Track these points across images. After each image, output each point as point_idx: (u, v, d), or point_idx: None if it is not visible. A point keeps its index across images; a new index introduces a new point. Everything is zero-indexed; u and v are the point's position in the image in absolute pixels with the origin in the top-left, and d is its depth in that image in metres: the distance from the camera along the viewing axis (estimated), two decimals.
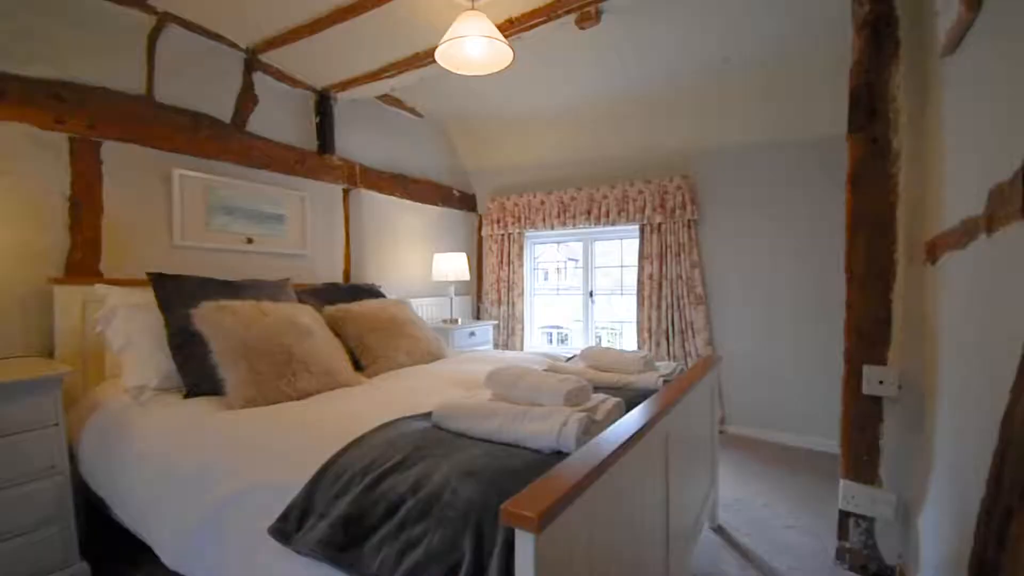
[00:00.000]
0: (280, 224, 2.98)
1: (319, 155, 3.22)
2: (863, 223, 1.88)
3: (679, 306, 3.61)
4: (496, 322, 4.30)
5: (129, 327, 1.93)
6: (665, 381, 1.87)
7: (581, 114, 3.71)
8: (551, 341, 5.22)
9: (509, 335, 4.36)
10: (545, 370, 1.90)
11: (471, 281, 4.55)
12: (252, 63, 2.81)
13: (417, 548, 0.94)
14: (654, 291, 3.68)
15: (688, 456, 1.73)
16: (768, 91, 3.14)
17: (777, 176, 3.35)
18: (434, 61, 2.22)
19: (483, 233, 4.53)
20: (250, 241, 2.83)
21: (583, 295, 4.32)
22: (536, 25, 2.35)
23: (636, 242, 3.83)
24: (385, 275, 3.69)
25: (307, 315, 2.20)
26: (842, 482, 1.92)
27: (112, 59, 2.27)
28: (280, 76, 2.96)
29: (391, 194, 3.76)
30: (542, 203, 4.16)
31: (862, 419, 1.88)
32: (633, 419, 1.26)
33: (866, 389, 1.84)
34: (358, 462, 1.16)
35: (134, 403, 1.79)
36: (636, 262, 3.81)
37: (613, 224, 3.85)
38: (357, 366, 2.31)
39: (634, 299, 3.87)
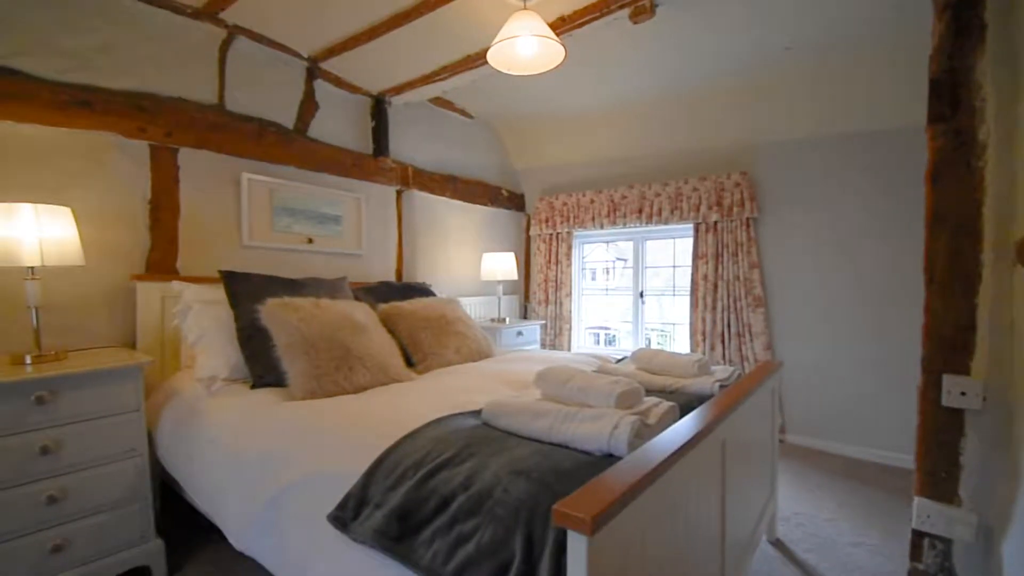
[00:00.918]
0: (337, 225, 3.10)
1: (374, 158, 3.33)
2: (945, 221, 1.72)
3: (736, 308, 3.47)
4: (543, 322, 4.29)
5: (202, 321, 2.07)
6: (722, 386, 1.80)
7: (633, 110, 3.64)
8: (598, 342, 5.16)
9: (556, 335, 4.34)
10: (594, 371, 1.88)
11: (519, 280, 4.56)
12: (313, 71, 2.94)
13: (468, 544, 0.95)
14: (709, 292, 3.56)
15: (746, 465, 1.66)
16: (834, 80, 2.97)
17: (845, 171, 3.16)
18: (486, 62, 2.25)
19: (531, 232, 4.53)
20: (310, 241, 2.96)
21: (633, 296, 4.23)
22: (589, 21, 2.32)
23: (690, 241, 3.71)
24: (435, 274, 3.77)
25: (362, 312, 2.28)
26: (916, 499, 1.78)
27: (188, 71, 2.44)
28: (339, 83, 3.08)
29: (441, 194, 3.83)
30: (591, 202, 4.11)
31: (941, 433, 1.73)
32: (688, 424, 1.22)
33: (946, 401, 1.70)
34: (411, 456, 1.19)
35: (206, 392, 1.91)
36: (690, 262, 3.69)
37: (666, 223, 3.75)
38: (408, 362, 2.37)
39: (687, 300, 3.76)
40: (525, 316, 4.65)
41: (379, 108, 3.32)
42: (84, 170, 2.13)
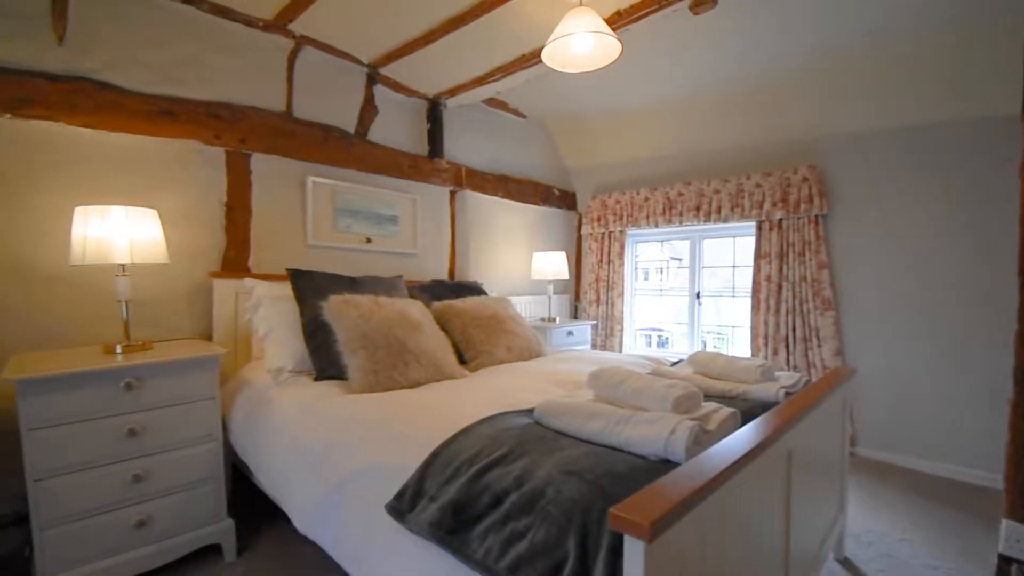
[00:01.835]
0: (394, 225, 3.20)
1: (429, 159, 3.40)
2: None
3: (802, 311, 3.28)
4: (594, 322, 4.24)
5: (271, 316, 2.19)
6: (787, 393, 1.71)
7: (691, 105, 3.52)
8: (650, 344, 5.03)
9: (607, 336, 4.27)
10: (649, 374, 1.83)
11: (569, 280, 4.53)
12: (373, 77, 3.05)
13: (521, 541, 0.95)
14: (772, 294, 3.38)
15: (813, 477, 1.57)
16: (915, 67, 2.74)
17: (924, 164, 2.91)
18: (540, 61, 2.24)
19: (583, 232, 4.49)
20: (369, 241, 3.07)
21: (688, 296, 4.09)
22: (647, 15, 2.26)
23: (751, 240, 3.55)
24: (486, 273, 3.81)
25: (418, 310, 2.33)
26: (1005, 522, 1.62)
27: (260, 81, 2.60)
28: (397, 87, 3.17)
29: (494, 194, 3.87)
30: (646, 200, 4.01)
31: None
32: (751, 432, 1.17)
33: None
34: (465, 452, 1.21)
35: (274, 383, 2.03)
36: (751, 262, 3.53)
37: (725, 221, 3.60)
38: (461, 359, 2.40)
39: (747, 302, 3.59)
40: (575, 316, 4.61)
41: (434, 111, 3.40)
42: (168, 175, 2.31)
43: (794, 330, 3.31)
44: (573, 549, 0.88)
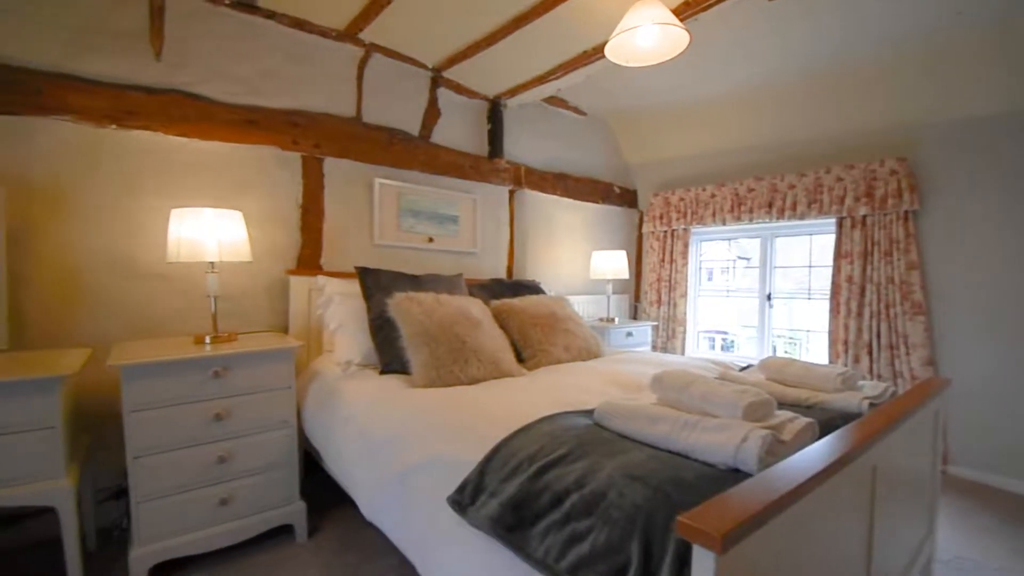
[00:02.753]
0: (455, 224, 3.26)
1: (489, 159, 3.44)
2: None
3: (888, 315, 3.03)
4: (655, 323, 4.12)
5: (341, 312, 2.30)
6: (872, 404, 1.58)
7: (763, 95, 3.33)
8: (713, 347, 4.83)
9: (668, 338, 4.14)
10: (716, 379, 1.75)
11: (629, 280, 4.42)
12: (436, 80, 3.13)
13: (582, 542, 0.94)
14: (854, 296, 3.14)
15: (899, 497, 1.44)
16: (1018, 48, 2.44)
17: None
18: (603, 57, 2.20)
19: (644, 230, 4.37)
20: (431, 240, 3.15)
21: (758, 298, 3.88)
22: (717, 3, 2.16)
23: (830, 238, 3.31)
24: (544, 272, 3.80)
25: (477, 308, 2.37)
26: None
27: (332, 88, 2.73)
28: (459, 89, 3.24)
29: (552, 193, 3.85)
30: (712, 196, 3.85)
31: None
32: (831, 445, 1.09)
33: None
34: (524, 450, 1.21)
35: (342, 375, 2.13)
36: (830, 261, 3.29)
37: (801, 218, 3.37)
38: (518, 358, 2.42)
39: (825, 305, 3.36)
40: (635, 317, 4.51)
41: (495, 111, 3.43)
42: (250, 179, 2.48)
43: (878, 336, 3.06)
44: (636, 554, 0.86)
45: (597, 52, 2.62)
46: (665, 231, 4.19)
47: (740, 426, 1.11)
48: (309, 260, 2.66)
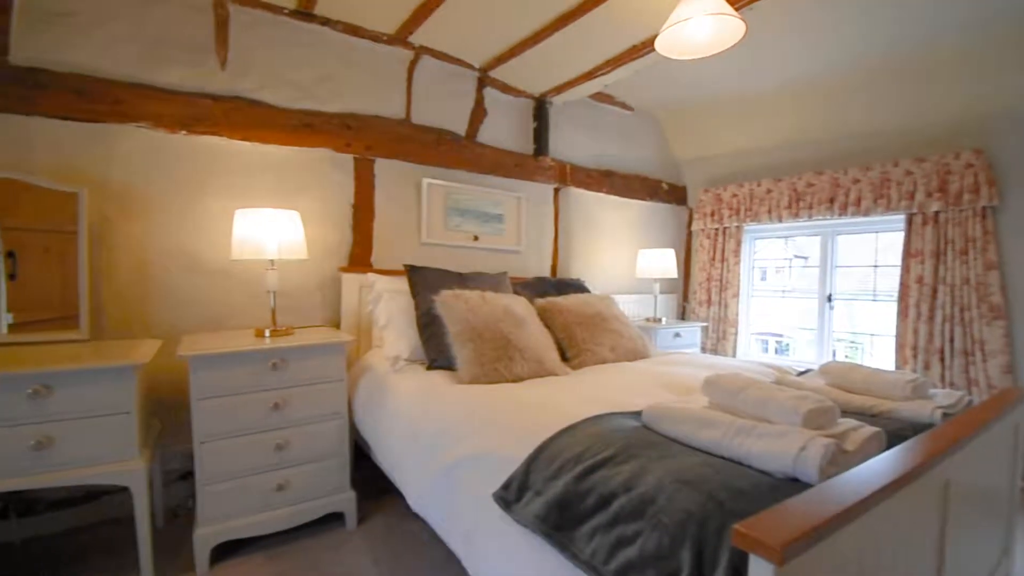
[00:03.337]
0: (500, 223, 3.28)
1: (534, 158, 3.44)
2: None
3: (963, 319, 2.80)
4: (705, 324, 3.99)
5: (390, 308, 2.37)
6: (945, 414, 1.47)
7: (824, 86, 3.16)
8: (767, 350, 4.64)
9: (719, 339, 4.00)
10: (772, 383, 1.68)
11: (678, 279, 4.30)
12: (483, 80, 3.15)
13: (630, 546, 0.93)
14: (924, 298, 2.93)
15: (974, 514, 1.34)
16: None
17: None
18: (653, 50, 2.15)
19: (693, 228, 4.24)
20: (476, 239, 3.18)
21: (817, 299, 3.69)
22: None
23: (899, 236, 3.10)
24: (589, 270, 3.76)
25: (522, 306, 2.37)
26: None
27: (383, 91, 2.81)
28: (505, 88, 3.25)
29: (598, 190, 3.80)
30: (768, 192, 3.68)
31: None
32: (899, 456, 1.02)
33: None
34: (570, 449, 1.21)
35: (391, 369, 2.19)
36: (898, 261, 3.09)
37: (866, 214, 3.17)
38: (563, 357, 2.40)
39: (892, 307, 3.15)
40: (683, 317, 4.38)
41: (541, 109, 3.42)
42: (306, 180, 2.59)
43: (951, 341, 2.84)
44: (688, 562, 0.84)
45: (647, 46, 2.56)
46: (716, 228, 4.05)
47: (799, 434, 1.06)
48: (360, 258, 2.75)
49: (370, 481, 2.40)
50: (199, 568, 1.82)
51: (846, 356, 3.89)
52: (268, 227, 2.10)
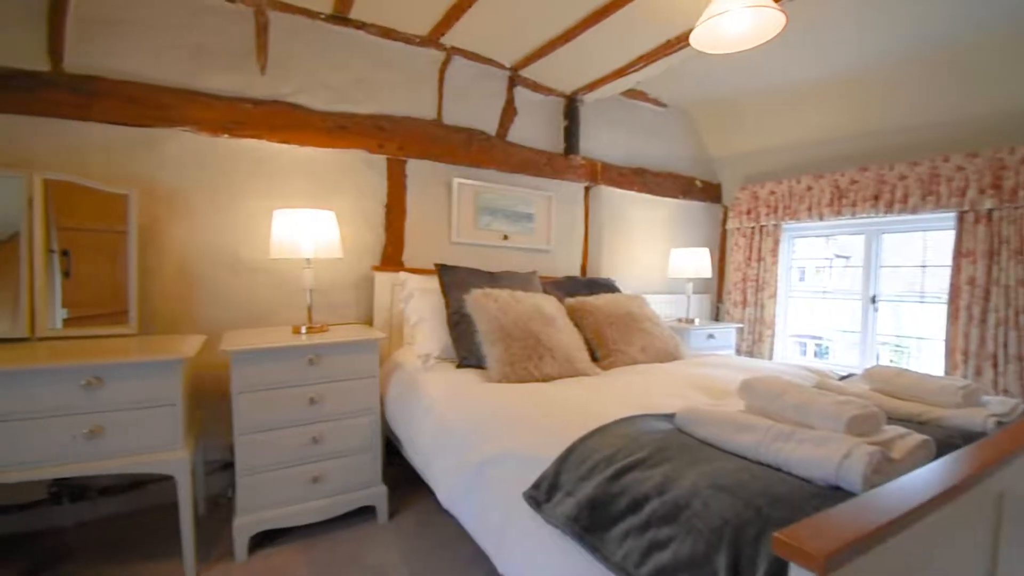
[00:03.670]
0: (530, 222, 3.28)
1: (565, 156, 3.42)
2: None
3: (1017, 323, 2.64)
4: (740, 325, 3.88)
5: (421, 306, 2.40)
6: (999, 423, 1.39)
7: (869, 78, 3.03)
8: (805, 353, 4.48)
9: (755, 341, 3.89)
10: (813, 387, 1.63)
11: (711, 279, 4.20)
12: (514, 79, 3.16)
13: (663, 551, 0.91)
14: (977, 300, 2.77)
15: None
16: None
17: None
18: (687, 45, 2.11)
19: (728, 226, 4.14)
20: (506, 238, 3.19)
21: (860, 300, 3.54)
22: None
23: (948, 235, 2.95)
24: (620, 270, 3.71)
25: (551, 305, 2.37)
26: None
27: (415, 92, 2.84)
28: (535, 87, 3.24)
29: (629, 189, 3.75)
30: (808, 189, 3.56)
31: None
32: (949, 466, 0.98)
33: None
34: (601, 450, 1.20)
35: (422, 367, 2.21)
36: (948, 261, 2.93)
37: (914, 211, 3.02)
38: (593, 357, 2.38)
39: (940, 309, 3.00)
40: (717, 318, 4.28)
41: (571, 107, 3.40)
42: (341, 181, 2.65)
43: (1005, 346, 2.68)
44: (723, 569, 0.82)
45: (681, 41, 2.51)
46: (753, 227, 3.94)
47: (842, 440, 1.02)
48: (392, 257, 2.79)
49: (401, 476, 2.44)
50: (238, 556, 1.88)
51: (890, 360, 3.73)
52: (305, 227, 2.16)
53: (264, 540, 1.99)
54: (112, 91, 2.11)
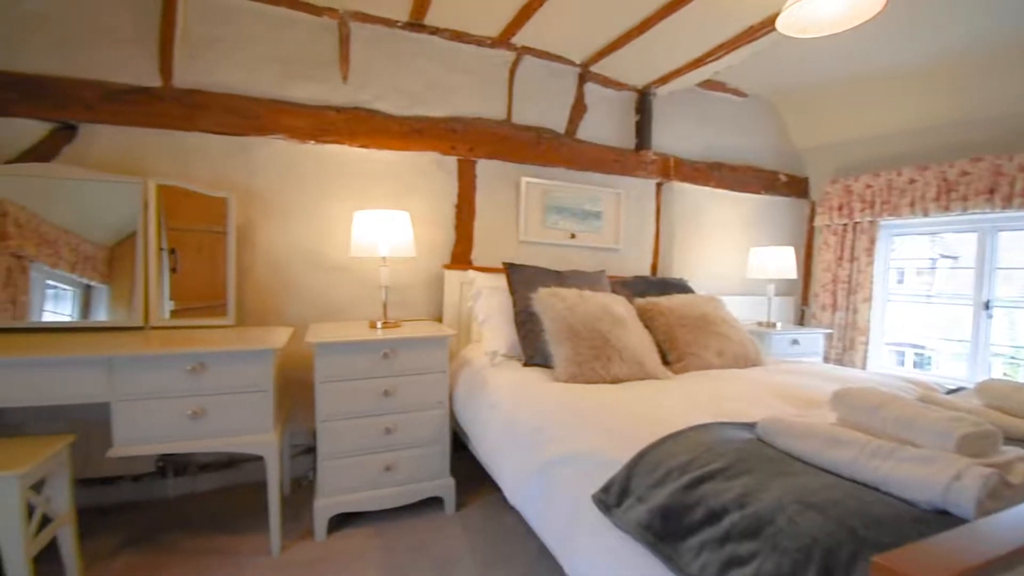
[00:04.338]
0: (598, 220, 3.23)
1: (636, 152, 3.33)
2: None
3: None
4: (829, 331, 3.59)
5: (489, 304, 2.43)
6: None
7: (981, 59, 2.69)
8: (902, 363, 4.07)
9: (845, 348, 3.59)
10: (916, 400, 1.47)
11: (796, 280, 3.92)
12: (584, 75, 3.12)
13: (744, 567, 0.86)
14: None
15: None
16: None
17: None
18: (772, 30, 1.98)
19: (816, 223, 3.84)
20: (573, 236, 3.16)
21: (972, 306, 3.16)
22: None
23: None
24: (693, 270, 3.56)
25: (621, 305, 2.31)
26: None
27: (486, 94, 2.89)
28: (606, 82, 3.18)
29: (705, 184, 3.58)
30: (911, 182, 3.22)
31: None
32: None
33: None
34: (675, 457, 1.15)
35: (490, 364, 2.25)
36: None
37: None
38: (664, 360, 2.30)
39: None
40: (802, 322, 3.99)
41: (644, 101, 3.30)
42: (415, 183, 2.74)
43: None
44: None
45: (766, 26, 2.36)
46: (845, 224, 3.63)
47: (952, 460, 0.92)
48: (461, 256, 2.86)
49: (467, 470, 2.49)
50: (318, 535, 2.01)
51: (1004, 374, 3.30)
52: (382, 227, 2.26)
53: (341, 522, 2.10)
54: (213, 103, 2.32)
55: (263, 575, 1.80)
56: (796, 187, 3.95)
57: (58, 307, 2.10)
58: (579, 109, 3.15)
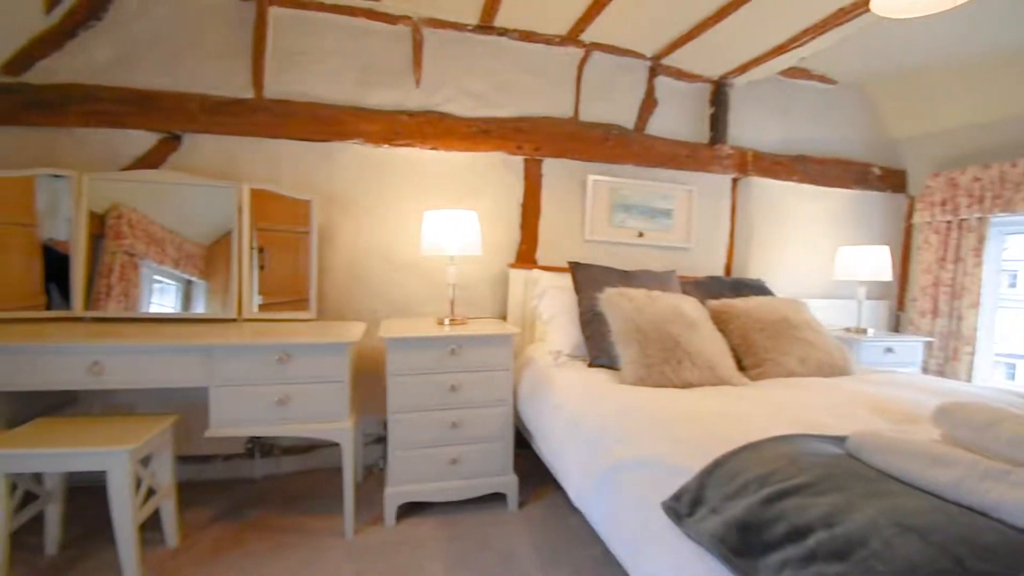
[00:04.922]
0: (668, 218, 3.12)
1: (710, 146, 3.18)
2: None
3: None
4: (929, 339, 3.25)
5: (553, 304, 2.43)
6: None
7: None
8: (1013, 376, 3.61)
9: (947, 358, 3.23)
10: None
11: (891, 283, 3.58)
12: (655, 69, 3.02)
13: None
14: None
15: None
16: None
17: None
18: (866, 11, 1.82)
19: (915, 220, 3.48)
20: (641, 235, 3.08)
21: None
22: None
23: None
24: (771, 270, 3.35)
25: (692, 306, 2.23)
26: None
27: (553, 92, 2.88)
28: (679, 75, 3.07)
29: (787, 179, 3.36)
30: None
31: None
32: None
33: None
34: (753, 469, 1.09)
35: (554, 363, 2.24)
36: None
37: None
38: (739, 366, 2.19)
39: None
40: (896, 329, 3.65)
41: (719, 93, 3.15)
42: (482, 183, 2.79)
43: None
44: None
45: (858, 7, 2.17)
46: (949, 221, 3.27)
47: None
48: (526, 254, 2.87)
49: (530, 468, 2.50)
50: (387, 521, 2.10)
51: None
52: (450, 226, 2.32)
53: (408, 511, 2.18)
54: (300, 112, 2.49)
55: (337, 556, 1.91)
56: (891, 181, 3.61)
57: (163, 300, 2.33)
58: (649, 104, 3.06)
